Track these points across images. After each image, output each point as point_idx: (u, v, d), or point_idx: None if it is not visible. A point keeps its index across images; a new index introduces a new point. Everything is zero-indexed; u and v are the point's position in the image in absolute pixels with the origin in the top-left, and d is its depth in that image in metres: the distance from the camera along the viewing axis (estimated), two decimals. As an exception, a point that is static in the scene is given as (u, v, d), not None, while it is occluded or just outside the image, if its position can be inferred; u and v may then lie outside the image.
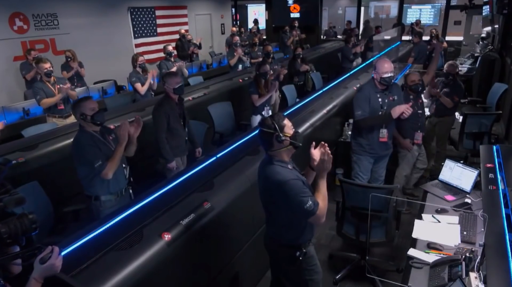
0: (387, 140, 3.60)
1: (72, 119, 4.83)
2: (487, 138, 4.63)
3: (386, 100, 3.53)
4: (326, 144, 2.14)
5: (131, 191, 3.09)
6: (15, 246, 1.32)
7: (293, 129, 2.14)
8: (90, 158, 2.74)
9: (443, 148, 4.77)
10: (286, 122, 2.13)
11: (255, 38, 9.64)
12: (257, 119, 4.88)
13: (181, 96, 3.78)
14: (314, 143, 2.19)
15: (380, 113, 3.50)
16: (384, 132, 3.56)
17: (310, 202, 2.01)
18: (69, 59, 6.36)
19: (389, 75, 3.42)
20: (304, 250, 2.17)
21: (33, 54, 6.21)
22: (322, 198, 2.09)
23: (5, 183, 1.33)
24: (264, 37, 10.34)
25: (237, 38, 7.64)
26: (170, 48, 6.13)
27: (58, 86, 4.76)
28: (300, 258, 2.16)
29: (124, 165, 3.01)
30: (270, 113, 4.92)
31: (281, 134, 2.07)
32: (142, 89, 5.30)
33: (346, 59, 8.43)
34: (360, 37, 10.71)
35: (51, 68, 4.73)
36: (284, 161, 2.13)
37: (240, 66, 7.27)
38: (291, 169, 2.12)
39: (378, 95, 3.52)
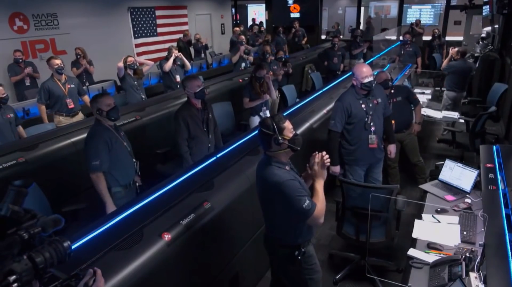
0: (376, 146, 3.49)
1: (78, 117, 4.85)
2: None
3: (371, 105, 3.41)
4: (323, 153, 2.15)
5: (137, 184, 3.22)
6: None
7: (293, 132, 2.12)
8: (99, 149, 2.87)
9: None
10: (287, 124, 2.11)
11: (258, 39, 9.64)
12: (255, 119, 4.86)
13: (204, 100, 3.66)
14: (317, 152, 2.19)
15: (366, 119, 3.39)
16: (373, 138, 3.45)
17: (308, 201, 2.02)
18: (78, 56, 6.39)
19: (370, 79, 3.31)
20: (303, 250, 2.18)
21: (16, 55, 6.20)
22: (320, 200, 2.10)
23: (28, 209, 1.13)
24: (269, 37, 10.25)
25: (242, 37, 7.64)
26: (175, 52, 6.11)
27: (69, 86, 4.77)
28: (299, 257, 2.16)
29: (134, 160, 3.17)
30: (268, 113, 4.89)
31: (279, 137, 2.06)
32: (119, 65, 5.34)
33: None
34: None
35: (62, 65, 4.76)
36: (282, 162, 2.13)
37: (242, 65, 7.28)
38: (288, 170, 2.13)
39: (361, 102, 3.40)
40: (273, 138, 2.07)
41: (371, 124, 3.43)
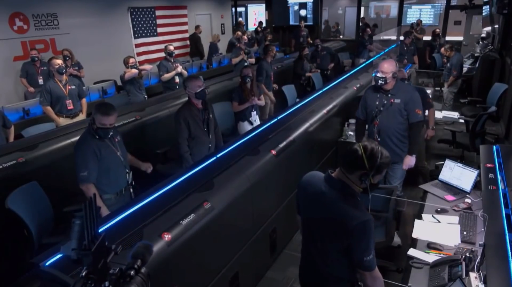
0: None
1: (79, 118, 4.86)
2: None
3: (385, 101, 3.43)
4: None
5: (131, 190, 3.11)
6: None
7: (377, 182, 1.87)
8: (86, 159, 2.79)
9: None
10: (384, 171, 1.85)
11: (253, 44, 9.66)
12: (244, 125, 4.70)
13: (205, 100, 3.63)
14: None
15: (373, 113, 3.50)
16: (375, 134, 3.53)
17: (372, 256, 1.78)
18: (67, 58, 6.37)
19: (378, 74, 3.35)
20: (360, 284, 1.92)
21: (32, 53, 6.20)
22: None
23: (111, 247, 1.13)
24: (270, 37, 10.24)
25: (245, 37, 7.64)
26: (171, 48, 6.12)
27: (70, 87, 4.76)
28: None
29: (127, 170, 3.06)
30: (258, 118, 4.78)
31: (370, 177, 1.78)
32: (128, 74, 5.40)
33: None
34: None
35: (63, 65, 4.74)
36: (356, 193, 1.84)
37: (244, 65, 7.29)
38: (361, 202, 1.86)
39: (378, 95, 3.48)
40: (363, 172, 1.77)
41: (376, 120, 3.49)
